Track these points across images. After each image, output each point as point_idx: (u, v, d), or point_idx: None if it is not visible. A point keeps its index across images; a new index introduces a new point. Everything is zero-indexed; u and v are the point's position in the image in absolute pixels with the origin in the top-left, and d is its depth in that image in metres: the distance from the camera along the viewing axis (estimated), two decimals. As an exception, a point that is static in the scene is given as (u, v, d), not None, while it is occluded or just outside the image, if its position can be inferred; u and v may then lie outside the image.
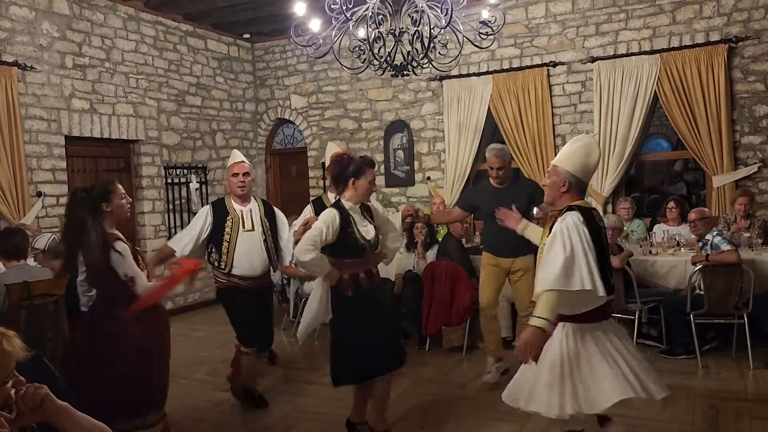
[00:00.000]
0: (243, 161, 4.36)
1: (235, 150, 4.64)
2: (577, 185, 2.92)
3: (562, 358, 2.76)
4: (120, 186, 3.30)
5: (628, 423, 3.77)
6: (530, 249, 4.70)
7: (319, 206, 4.21)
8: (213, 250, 4.26)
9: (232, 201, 4.32)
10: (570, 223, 2.73)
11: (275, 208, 4.57)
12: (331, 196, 4.09)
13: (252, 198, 4.41)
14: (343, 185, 3.52)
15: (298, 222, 4.21)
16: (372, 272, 3.59)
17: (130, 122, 7.33)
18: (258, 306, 4.29)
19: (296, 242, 3.88)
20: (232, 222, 4.21)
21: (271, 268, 4.41)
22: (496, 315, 4.93)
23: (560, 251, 2.66)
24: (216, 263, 4.25)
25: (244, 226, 4.23)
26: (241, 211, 4.28)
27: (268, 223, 4.35)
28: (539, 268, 2.82)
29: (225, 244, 4.20)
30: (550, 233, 2.81)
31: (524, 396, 2.89)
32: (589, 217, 2.79)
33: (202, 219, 4.26)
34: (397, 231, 4.00)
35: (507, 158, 4.75)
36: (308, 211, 4.43)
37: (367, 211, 3.63)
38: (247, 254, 4.20)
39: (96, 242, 2.97)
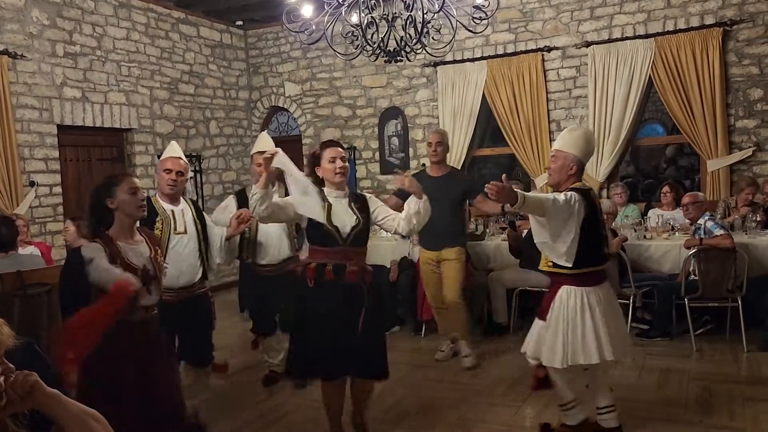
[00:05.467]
0: (179, 157, 3.79)
1: (173, 142, 4.02)
2: (581, 169, 3.23)
3: (564, 317, 3.15)
4: (133, 179, 2.89)
5: (622, 405, 3.80)
6: (458, 240, 4.77)
7: (243, 199, 4.11)
8: None
9: (160, 200, 3.74)
10: (561, 195, 3.07)
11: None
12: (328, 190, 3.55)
13: (181, 198, 3.84)
14: (315, 178, 3.39)
15: (224, 216, 4.02)
16: (344, 268, 3.22)
17: (122, 111, 7.29)
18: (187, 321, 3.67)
19: (229, 238, 3.78)
20: (162, 223, 3.63)
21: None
22: (447, 306, 4.86)
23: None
24: None
25: (176, 229, 3.67)
26: (172, 210, 3.71)
27: (200, 226, 3.80)
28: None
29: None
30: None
31: (532, 347, 3.34)
32: (588, 197, 3.14)
33: None
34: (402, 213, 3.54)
35: (446, 138, 4.87)
36: (231, 203, 4.29)
37: (357, 202, 3.39)
38: (175, 261, 3.53)
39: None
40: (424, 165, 8.13)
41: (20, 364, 1.51)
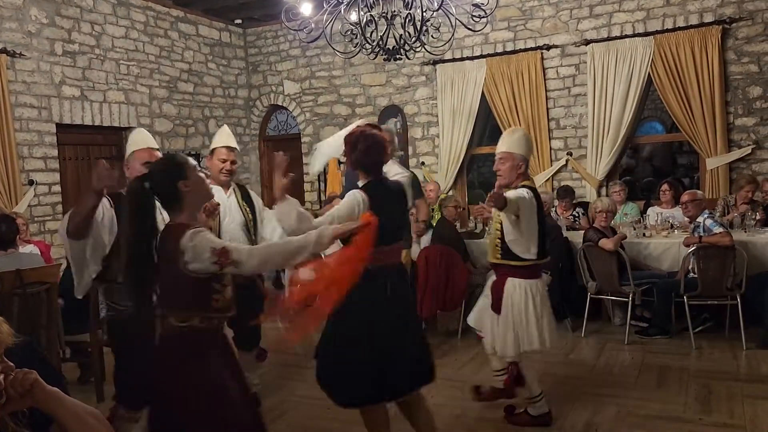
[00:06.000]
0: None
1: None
2: (527, 167, 3.56)
3: (512, 308, 3.43)
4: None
5: (620, 403, 3.82)
6: (406, 241, 4.71)
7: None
8: None
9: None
10: (522, 191, 3.34)
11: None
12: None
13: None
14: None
15: None
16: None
17: (121, 109, 7.28)
18: None
19: None
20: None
21: None
22: None
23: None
24: None
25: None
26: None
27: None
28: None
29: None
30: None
31: (487, 334, 3.61)
32: (536, 194, 3.45)
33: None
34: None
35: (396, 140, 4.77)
36: None
37: None
38: None
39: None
40: (423, 163, 8.18)
41: (20, 362, 1.51)
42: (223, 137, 3.92)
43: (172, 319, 2.19)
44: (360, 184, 2.94)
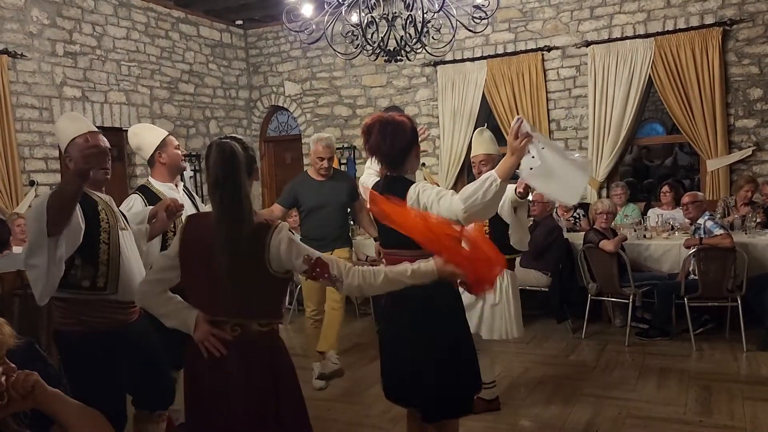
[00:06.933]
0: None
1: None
2: None
3: (503, 296, 3.64)
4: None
5: (621, 405, 3.82)
6: (348, 242, 4.72)
7: (149, 196, 3.30)
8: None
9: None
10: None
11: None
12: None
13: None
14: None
15: (143, 213, 3.11)
16: None
17: (122, 110, 7.29)
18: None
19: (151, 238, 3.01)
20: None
21: None
22: (321, 319, 4.49)
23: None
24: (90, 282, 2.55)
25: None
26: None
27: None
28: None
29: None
30: None
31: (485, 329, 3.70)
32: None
33: None
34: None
35: (334, 149, 4.56)
36: (137, 201, 3.27)
37: None
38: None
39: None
40: (423, 164, 8.18)
41: (21, 363, 1.52)
42: (160, 129, 3.53)
43: (254, 324, 2.02)
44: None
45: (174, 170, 3.43)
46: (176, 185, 3.47)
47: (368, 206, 2.59)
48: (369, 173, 2.96)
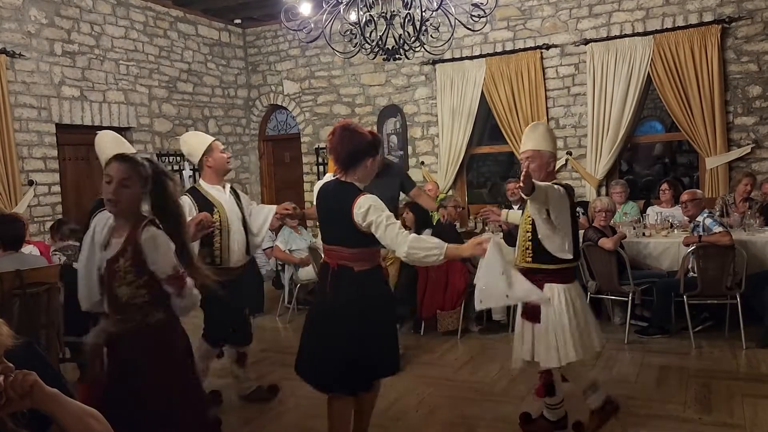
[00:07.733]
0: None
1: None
2: (555, 164, 3.42)
3: (553, 316, 3.19)
4: None
5: (621, 402, 3.81)
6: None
7: (196, 196, 3.76)
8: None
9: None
10: (551, 184, 3.13)
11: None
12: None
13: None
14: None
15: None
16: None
17: (121, 109, 7.28)
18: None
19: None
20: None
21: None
22: None
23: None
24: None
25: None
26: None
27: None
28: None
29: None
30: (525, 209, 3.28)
31: (519, 346, 3.36)
32: (570, 191, 3.24)
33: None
34: None
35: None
36: (186, 202, 3.61)
37: None
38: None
39: None
40: (422, 163, 8.18)
41: (20, 363, 1.51)
42: (206, 135, 4.01)
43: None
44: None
45: (221, 172, 3.86)
46: (223, 187, 3.87)
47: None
48: (327, 176, 3.22)
